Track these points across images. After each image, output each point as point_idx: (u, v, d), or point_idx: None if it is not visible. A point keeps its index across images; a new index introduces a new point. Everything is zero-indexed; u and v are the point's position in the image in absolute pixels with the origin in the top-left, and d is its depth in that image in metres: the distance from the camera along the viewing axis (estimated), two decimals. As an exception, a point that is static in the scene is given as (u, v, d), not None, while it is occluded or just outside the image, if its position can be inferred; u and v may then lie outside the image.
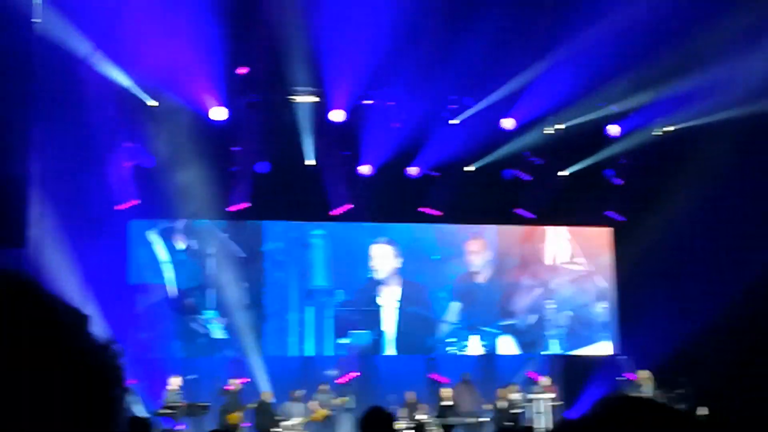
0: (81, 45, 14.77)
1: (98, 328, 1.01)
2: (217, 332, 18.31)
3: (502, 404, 17.43)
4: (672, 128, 18.55)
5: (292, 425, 16.79)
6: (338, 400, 17.39)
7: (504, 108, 17.85)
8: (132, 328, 17.52)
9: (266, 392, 17.13)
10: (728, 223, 18.11)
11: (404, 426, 16.20)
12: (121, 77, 15.85)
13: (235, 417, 16.34)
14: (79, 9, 14.18)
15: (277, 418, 16.75)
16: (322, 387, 17.51)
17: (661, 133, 18.73)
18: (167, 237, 18.46)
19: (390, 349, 19.33)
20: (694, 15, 14.35)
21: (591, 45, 15.03)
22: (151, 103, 16.51)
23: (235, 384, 16.96)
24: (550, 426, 16.77)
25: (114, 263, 17.20)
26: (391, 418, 4.10)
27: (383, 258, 19.52)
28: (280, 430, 16.60)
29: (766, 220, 17.04)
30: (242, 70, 16.80)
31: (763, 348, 16.41)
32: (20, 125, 12.19)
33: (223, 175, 17.80)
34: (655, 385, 17.06)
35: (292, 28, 15.13)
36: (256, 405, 16.83)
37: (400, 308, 19.42)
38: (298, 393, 17.17)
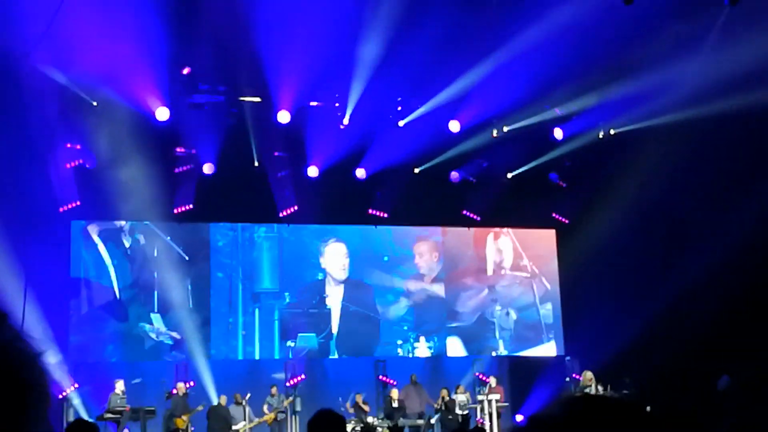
0: (19, 43, 14.40)
1: (13, 328, 0.93)
2: (163, 335, 18.04)
3: (443, 404, 17.50)
4: (614, 131, 18.78)
5: (238, 429, 16.64)
6: (285, 402, 17.31)
7: (450, 110, 17.90)
8: (74, 330, 17.20)
9: (222, 396, 16.92)
10: (669, 225, 18.45)
11: (353, 428, 16.17)
12: (60, 77, 15.49)
13: (182, 421, 16.12)
14: (16, 5, 13.82)
15: (230, 422, 16.61)
16: (273, 390, 17.44)
17: (602, 136, 18.92)
18: (111, 238, 18.14)
19: (338, 352, 19.26)
20: (637, 19, 14.56)
21: (535, 48, 15.15)
22: (93, 102, 16.17)
23: (181, 388, 16.75)
24: (497, 426, 16.86)
25: (57, 264, 16.86)
26: (342, 420, 4.06)
27: (335, 256, 19.46)
28: None
29: (706, 222, 17.37)
30: (186, 71, 16.57)
31: (703, 347, 16.71)
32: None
33: (167, 176, 17.55)
34: (598, 385, 17.27)
35: (237, 29, 14.95)
36: (209, 409, 16.60)
37: (348, 310, 19.38)
38: (242, 397, 17.00)
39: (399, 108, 18.02)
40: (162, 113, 16.51)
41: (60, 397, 16.02)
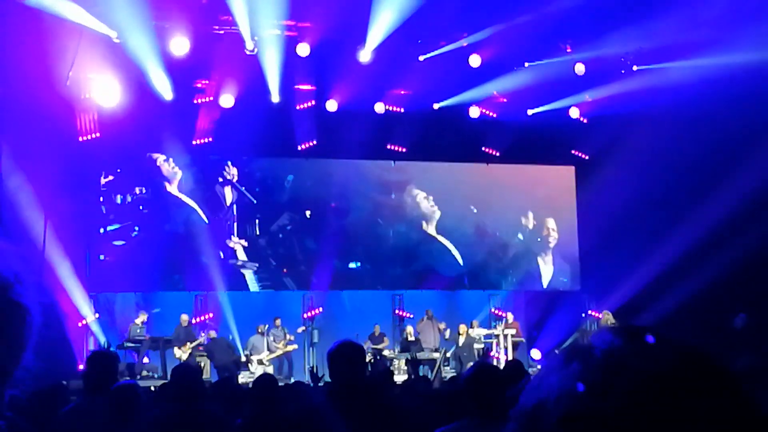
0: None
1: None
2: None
3: (461, 339, 17.66)
4: (636, 68, 18.47)
5: (260, 359, 16.89)
6: (288, 338, 17.52)
7: (472, 46, 17.61)
8: (94, 261, 17.41)
9: (211, 331, 17.04)
10: (690, 163, 18.24)
11: (369, 359, 16.40)
12: (80, 12, 15.30)
13: (179, 351, 16.24)
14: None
15: (235, 352, 16.85)
16: (276, 322, 17.64)
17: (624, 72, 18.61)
18: (130, 172, 18.25)
19: (356, 284, 19.44)
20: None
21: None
22: (114, 37, 16.00)
23: (184, 320, 16.93)
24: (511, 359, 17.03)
25: (74, 195, 16.96)
26: (362, 351, 4.11)
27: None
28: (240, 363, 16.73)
29: (728, 163, 17.17)
30: (205, 0, 16.34)
31: (720, 286, 16.68)
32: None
33: (186, 108, 17.53)
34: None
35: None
36: (209, 343, 16.76)
37: (366, 243, 19.55)
38: (263, 327, 17.25)
39: (419, 41, 17.76)
40: (182, 44, 16.36)
41: (80, 325, 16.30)
